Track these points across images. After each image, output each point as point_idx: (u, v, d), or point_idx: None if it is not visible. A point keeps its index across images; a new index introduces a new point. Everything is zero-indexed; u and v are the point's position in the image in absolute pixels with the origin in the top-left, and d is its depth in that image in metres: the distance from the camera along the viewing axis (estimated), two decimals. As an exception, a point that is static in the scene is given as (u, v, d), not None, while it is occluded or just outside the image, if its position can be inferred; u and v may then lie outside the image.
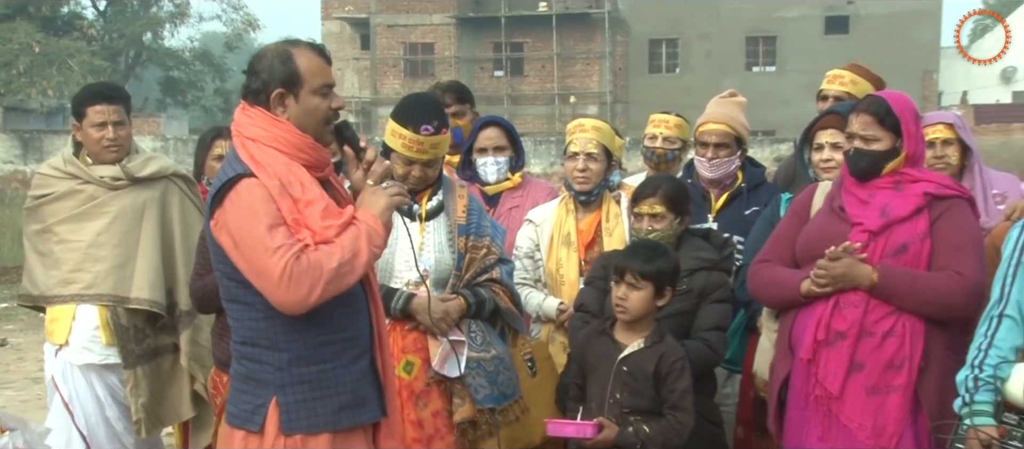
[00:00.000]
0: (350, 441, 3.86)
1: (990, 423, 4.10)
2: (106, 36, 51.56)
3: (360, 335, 3.92)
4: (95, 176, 5.63)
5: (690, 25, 48.85)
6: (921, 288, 4.47)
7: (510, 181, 6.11)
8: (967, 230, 4.59)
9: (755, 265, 4.94)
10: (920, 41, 46.68)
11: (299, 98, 3.79)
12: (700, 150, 5.90)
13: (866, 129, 4.64)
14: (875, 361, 4.52)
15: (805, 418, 4.63)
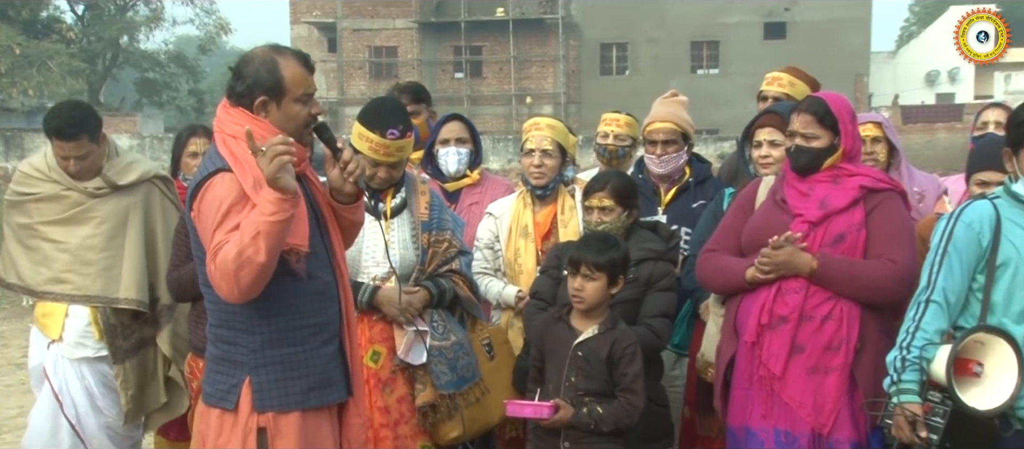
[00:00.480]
0: (318, 419, 3.90)
1: (916, 401, 4.14)
2: (84, 39, 51.09)
3: (330, 321, 3.95)
4: (79, 186, 5.56)
5: (639, 30, 48.97)
6: (857, 275, 4.52)
7: (469, 178, 6.12)
8: (900, 221, 4.64)
9: (703, 254, 4.97)
10: (852, 46, 47.03)
11: (281, 105, 3.80)
12: (649, 147, 5.92)
13: (806, 127, 4.69)
14: (814, 343, 4.56)
15: (749, 397, 4.66)
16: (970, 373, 4.13)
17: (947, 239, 4.21)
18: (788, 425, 4.57)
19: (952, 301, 4.19)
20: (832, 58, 40.41)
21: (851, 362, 4.51)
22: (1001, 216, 4.21)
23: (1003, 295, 4.18)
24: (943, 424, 4.08)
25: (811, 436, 4.53)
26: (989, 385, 4.12)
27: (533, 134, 5.73)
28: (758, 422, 4.63)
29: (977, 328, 4.16)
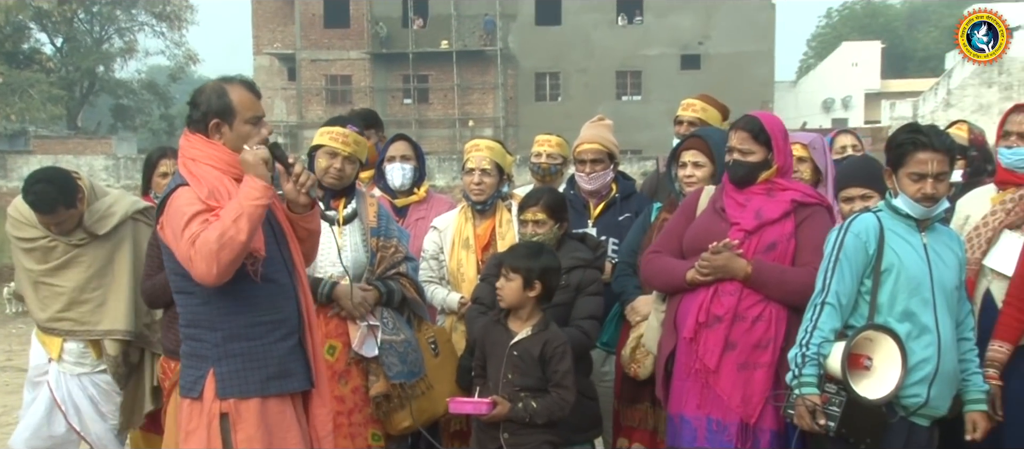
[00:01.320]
0: (280, 406, 3.94)
1: (815, 392, 4.20)
2: (63, 69, 50.71)
3: (288, 318, 4.00)
4: (62, 240, 5.55)
5: (570, 61, 49.10)
6: (786, 281, 4.56)
7: (416, 195, 6.13)
8: (825, 233, 4.62)
9: (648, 255, 4.97)
10: (758, 76, 47.36)
11: (232, 126, 3.91)
12: (579, 166, 5.94)
13: (743, 143, 4.73)
14: (746, 341, 4.59)
15: (686, 389, 4.67)
16: (861, 367, 4.20)
17: (838, 248, 4.28)
18: (719, 414, 4.58)
19: (844, 303, 4.26)
20: (741, 87, 40.68)
21: (777, 360, 4.53)
22: (884, 227, 4.29)
23: (887, 297, 4.26)
24: (839, 412, 4.14)
25: (739, 425, 4.55)
26: (877, 377, 4.19)
27: (473, 155, 5.74)
28: (692, 411, 4.64)
29: (866, 326, 4.23)
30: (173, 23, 52.91)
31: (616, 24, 49.57)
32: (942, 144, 4.29)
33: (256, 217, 3.73)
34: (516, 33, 49.48)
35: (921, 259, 4.28)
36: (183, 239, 3.70)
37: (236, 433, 3.85)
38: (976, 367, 4.49)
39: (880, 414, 4.18)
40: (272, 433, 3.90)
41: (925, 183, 4.24)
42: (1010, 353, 4.65)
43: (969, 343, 4.47)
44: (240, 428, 3.85)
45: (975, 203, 5.04)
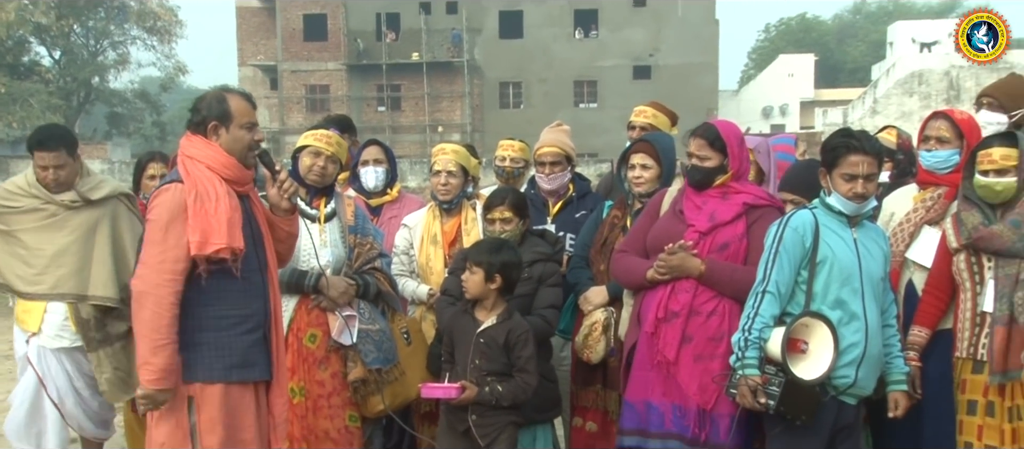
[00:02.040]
0: (241, 392, 4.00)
1: (756, 373, 4.22)
2: (61, 79, 50.04)
3: (255, 314, 4.03)
4: (56, 200, 5.49)
5: (531, 71, 49.22)
6: (737, 279, 4.55)
7: (389, 195, 6.12)
8: None
9: (615, 254, 4.98)
10: (704, 86, 47.65)
11: (229, 129, 3.98)
12: (539, 168, 5.95)
13: (700, 150, 4.73)
14: (701, 334, 4.59)
15: (650, 378, 4.67)
16: (798, 350, 4.23)
17: (778, 241, 4.31)
18: (681, 401, 4.59)
19: (783, 292, 4.28)
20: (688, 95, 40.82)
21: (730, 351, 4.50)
22: (819, 223, 4.33)
23: (822, 286, 4.29)
24: (778, 392, 4.17)
25: (697, 411, 4.56)
26: (812, 360, 4.22)
27: (440, 158, 5.74)
28: (658, 398, 4.65)
29: (803, 314, 4.26)
30: (163, 37, 52.00)
31: (573, 37, 49.75)
32: (872, 148, 4.33)
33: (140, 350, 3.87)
34: (481, 46, 49.55)
35: (851, 252, 4.32)
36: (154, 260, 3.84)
37: (199, 414, 3.91)
38: (898, 351, 4.54)
39: (814, 393, 4.21)
40: (232, 416, 3.95)
41: (856, 183, 4.28)
42: (928, 337, 4.72)
43: (892, 329, 4.52)
44: (203, 410, 3.91)
45: (899, 201, 5.08)
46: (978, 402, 4.54)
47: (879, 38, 60.27)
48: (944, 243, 4.70)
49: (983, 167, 4.54)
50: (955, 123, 4.86)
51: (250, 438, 3.98)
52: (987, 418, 4.52)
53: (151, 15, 50.64)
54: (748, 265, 4.57)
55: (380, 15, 49.44)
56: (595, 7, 49.49)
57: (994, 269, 4.51)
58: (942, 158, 4.87)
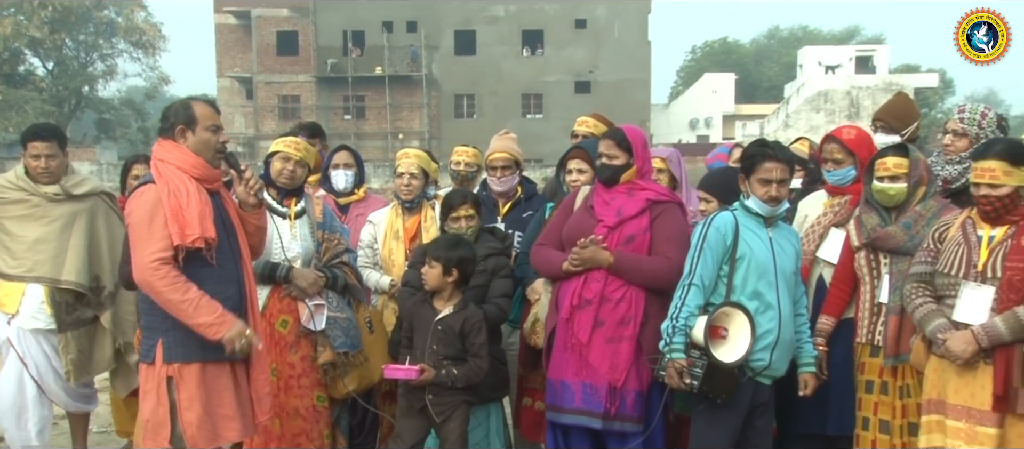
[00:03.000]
0: (218, 371, 3.96)
1: (682, 357, 4.24)
2: (53, 88, 50.00)
3: (229, 298, 3.99)
4: (41, 192, 5.48)
5: (483, 85, 49.24)
6: (643, 268, 4.57)
7: (356, 195, 6.08)
8: (677, 227, 4.69)
9: (535, 247, 4.97)
10: (638, 100, 48.00)
11: (195, 132, 3.96)
12: (491, 172, 5.94)
13: (609, 150, 4.75)
14: (611, 319, 4.60)
15: (565, 359, 4.67)
16: (719, 336, 4.25)
17: (703, 239, 4.33)
18: (592, 379, 4.59)
19: (707, 284, 4.31)
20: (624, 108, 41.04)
21: (638, 333, 4.56)
22: (739, 223, 4.36)
23: (741, 280, 4.32)
24: (702, 373, 4.19)
25: (608, 387, 4.57)
26: (732, 344, 4.25)
27: (403, 161, 5.75)
28: (571, 377, 4.65)
29: (724, 303, 4.28)
30: (148, 50, 52.24)
31: (521, 55, 49.86)
32: (784, 156, 4.38)
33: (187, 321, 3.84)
34: (438, 61, 49.52)
35: (767, 249, 4.36)
36: (145, 254, 3.80)
37: (179, 393, 3.86)
38: (808, 337, 4.59)
39: (733, 375, 4.24)
40: (210, 393, 3.92)
41: (770, 187, 4.32)
42: (834, 325, 4.77)
43: (803, 318, 4.57)
44: (182, 388, 3.87)
45: (812, 205, 5.15)
46: (875, 382, 4.61)
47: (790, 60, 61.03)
48: (848, 242, 4.76)
49: (879, 173, 4.62)
50: (844, 144, 4.95)
51: (230, 413, 3.94)
52: (882, 396, 4.60)
53: (137, 30, 50.82)
54: (652, 256, 4.60)
55: (346, 32, 49.38)
56: (541, 28, 49.64)
57: (889, 265, 4.59)
58: (840, 175, 4.98)
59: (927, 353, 4.26)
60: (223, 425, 3.94)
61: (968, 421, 4.10)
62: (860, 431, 4.66)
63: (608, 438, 4.66)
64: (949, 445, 4.16)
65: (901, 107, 5.53)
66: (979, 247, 4.14)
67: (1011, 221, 4.10)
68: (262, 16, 49.18)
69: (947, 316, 4.16)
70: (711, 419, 4.33)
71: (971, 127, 4.92)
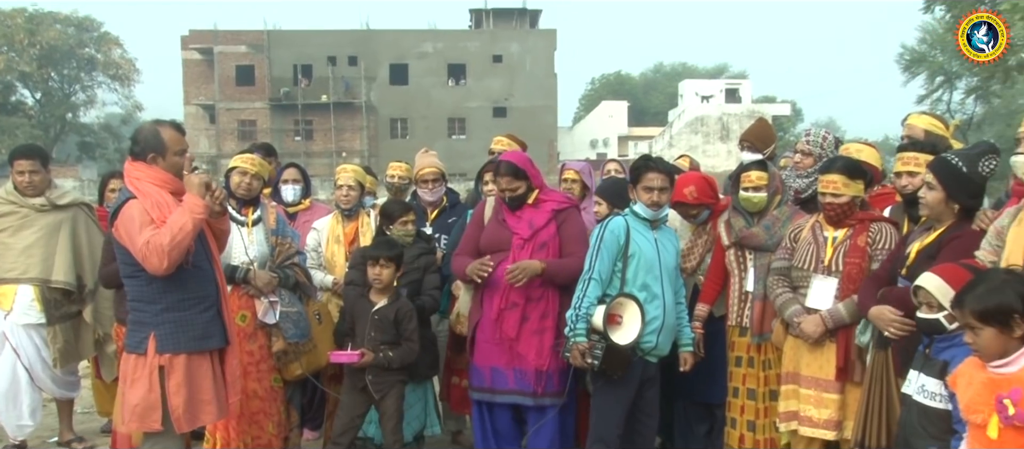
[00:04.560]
0: (200, 359, 3.86)
1: (584, 340, 4.24)
2: (41, 115, 49.56)
3: (209, 295, 3.89)
4: (28, 204, 5.46)
5: (414, 110, 49.01)
6: (566, 269, 4.54)
7: (303, 205, 6.00)
8: (579, 228, 4.68)
9: (455, 257, 4.92)
10: (546, 123, 48.17)
11: (165, 157, 3.81)
12: (421, 185, 5.90)
13: (510, 184, 4.71)
14: (535, 314, 4.60)
15: (495, 349, 4.65)
16: (615, 323, 4.26)
17: (600, 240, 4.33)
18: (522, 365, 4.60)
19: (604, 278, 4.31)
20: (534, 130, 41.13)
21: (555, 323, 4.56)
22: (630, 226, 4.37)
23: (632, 274, 4.34)
24: (601, 354, 4.21)
25: (535, 371, 4.58)
26: (625, 329, 4.26)
27: (342, 175, 5.74)
28: (503, 364, 4.63)
29: (618, 294, 4.30)
30: (123, 82, 51.89)
31: (447, 85, 49.74)
32: (664, 168, 4.42)
33: (198, 223, 3.71)
34: (376, 90, 49.20)
35: (653, 248, 4.39)
36: (139, 242, 3.62)
37: (169, 380, 3.75)
38: (686, 322, 4.64)
39: (627, 355, 4.26)
40: (194, 379, 3.82)
41: (653, 194, 4.36)
42: (708, 311, 4.83)
43: (682, 306, 4.61)
44: (172, 376, 3.75)
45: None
46: (743, 357, 4.69)
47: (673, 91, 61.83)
48: (720, 242, 4.84)
49: (744, 185, 4.71)
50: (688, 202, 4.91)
51: (208, 398, 3.85)
52: (749, 369, 4.67)
53: (114, 64, 50.78)
54: (563, 257, 4.60)
55: (296, 65, 48.90)
56: (464, 62, 49.64)
57: (754, 260, 4.66)
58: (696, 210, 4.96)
59: (785, 333, 4.36)
60: (201, 409, 3.84)
61: (817, 389, 4.21)
62: (731, 398, 4.73)
63: (528, 410, 4.66)
64: (802, 408, 4.26)
65: (762, 131, 5.64)
66: (826, 246, 4.24)
67: (850, 224, 4.22)
68: (223, 52, 48.45)
69: (801, 303, 4.25)
70: (609, 392, 4.34)
71: (815, 148, 5.02)
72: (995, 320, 2.71)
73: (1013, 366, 2.71)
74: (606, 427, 4.35)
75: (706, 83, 57.38)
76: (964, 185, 3.61)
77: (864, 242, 4.13)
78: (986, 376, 2.75)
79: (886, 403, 3.76)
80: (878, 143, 5.15)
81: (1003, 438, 2.66)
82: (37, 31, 46.51)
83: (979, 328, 2.74)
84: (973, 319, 2.75)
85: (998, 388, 2.69)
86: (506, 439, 4.76)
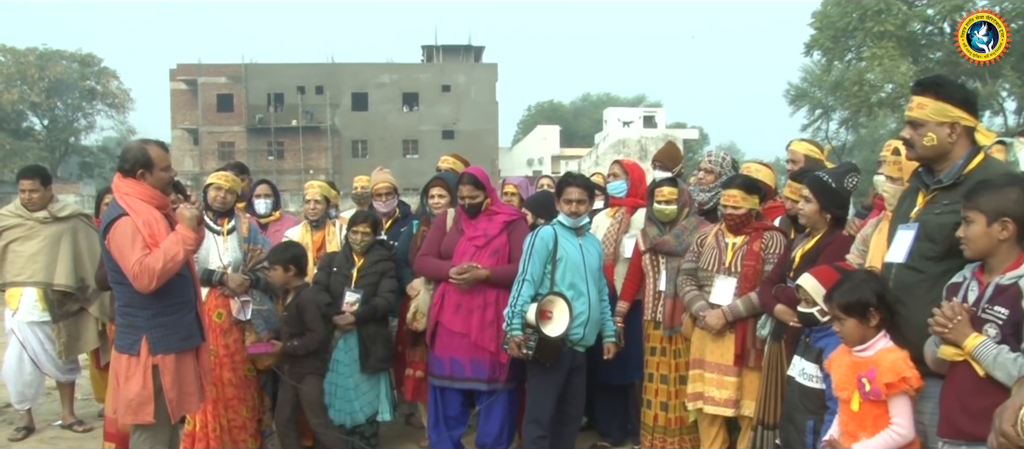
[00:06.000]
0: (185, 357, 3.78)
1: (519, 333, 4.24)
2: (48, 140, 49.95)
3: (190, 299, 3.80)
4: (33, 217, 5.50)
5: (373, 133, 48.62)
6: (508, 274, 4.49)
7: (274, 216, 5.89)
8: (521, 239, 4.64)
9: (420, 258, 4.87)
10: (489, 144, 48.15)
11: (152, 173, 3.69)
12: (376, 198, 5.83)
13: (470, 193, 4.70)
14: (483, 308, 4.57)
15: (454, 342, 4.61)
16: (547, 318, 4.26)
17: (532, 247, 4.33)
18: (479, 356, 4.58)
19: (536, 280, 4.30)
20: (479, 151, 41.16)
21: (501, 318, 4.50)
22: (558, 234, 4.37)
23: (560, 275, 4.33)
24: (534, 345, 4.21)
25: (491, 360, 4.55)
26: (555, 323, 4.27)
27: (309, 190, 5.64)
28: (461, 355, 4.60)
29: (549, 293, 4.30)
30: (119, 109, 51.93)
31: (402, 111, 49.50)
32: (582, 183, 4.43)
33: (189, 254, 3.66)
34: (339, 115, 48.76)
35: (578, 252, 4.39)
36: (131, 260, 3.51)
37: (163, 378, 3.68)
38: (609, 316, 4.64)
39: (557, 345, 4.26)
40: (182, 374, 3.75)
41: (572, 205, 4.37)
42: (628, 307, 4.86)
43: (605, 302, 4.61)
44: (165, 374, 3.68)
45: (602, 219, 5.22)
46: (656, 347, 4.73)
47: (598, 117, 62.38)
48: (637, 247, 4.87)
49: (657, 199, 4.76)
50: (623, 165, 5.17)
51: (191, 390, 3.81)
52: (661, 357, 4.71)
53: (111, 94, 51.47)
54: (511, 263, 4.59)
55: (270, 94, 48.46)
56: (417, 91, 49.50)
57: (666, 263, 4.71)
58: (616, 186, 5.17)
59: (692, 326, 4.42)
60: (187, 400, 3.79)
61: (718, 373, 4.27)
62: (647, 383, 4.77)
63: (479, 395, 4.64)
64: (706, 390, 4.32)
65: (672, 152, 5.71)
66: (727, 251, 4.31)
67: (747, 232, 4.30)
68: (206, 82, 47.97)
69: (706, 299, 4.32)
70: (542, 378, 4.34)
71: (716, 166, 5.10)
72: (855, 312, 2.81)
73: (870, 351, 2.81)
74: (540, 409, 4.34)
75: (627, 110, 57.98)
76: (833, 198, 3.73)
77: (759, 247, 4.21)
78: (850, 359, 2.85)
79: (781, 386, 3.83)
80: (772, 163, 5.26)
81: (862, 411, 2.77)
82: (46, 66, 47.34)
83: (843, 319, 2.84)
84: (838, 311, 2.86)
85: (859, 369, 2.79)
86: (456, 420, 4.74)
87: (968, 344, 2.30)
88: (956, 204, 2.62)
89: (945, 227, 2.67)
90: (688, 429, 4.62)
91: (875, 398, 2.72)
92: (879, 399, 2.72)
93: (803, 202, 3.78)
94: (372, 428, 5.04)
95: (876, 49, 30.68)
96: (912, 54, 31.76)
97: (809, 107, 43.68)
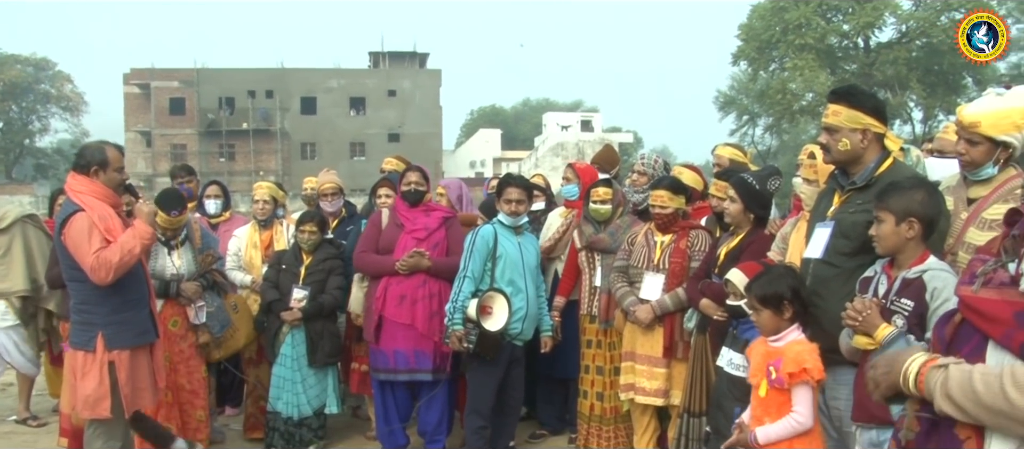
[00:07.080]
0: (140, 353, 3.75)
1: (461, 328, 4.23)
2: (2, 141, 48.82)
3: (143, 296, 3.75)
4: None
5: (322, 136, 47.89)
6: (449, 266, 4.50)
7: (224, 216, 5.80)
8: (460, 234, 4.64)
9: (358, 254, 4.81)
10: (433, 147, 47.86)
11: (106, 172, 3.64)
12: (322, 198, 5.73)
13: (418, 181, 4.72)
14: (429, 298, 4.54)
15: (397, 334, 4.56)
16: (487, 313, 4.27)
17: (473, 245, 4.33)
18: (423, 346, 4.54)
19: (477, 276, 4.30)
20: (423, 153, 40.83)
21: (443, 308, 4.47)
22: (498, 232, 4.38)
23: (500, 272, 4.34)
24: (475, 339, 4.20)
25: (434, 350, 4.52)
26: (495, 318, 4.27)
27: (257, 191, 5.59)
28: (404, 347, 4.55)
29: (489, 289, 4.30)
30: (73, 112, 50.88)
31: (350, 115, 48.85)
32: (521, 183, 4.45)
33: (145, 248, 3.62)
34: (289, 119, 47.90)
35: (517, 250, 4.40)
36: (88, 255, 3.45)
37: (119, 373, 3.61)
38: (547, 311, 4.66)
39: (497, 339, 4.27)
40: (136, 370, 3.69)
41: (511, 205, 4.38)
42: (565, 302, 4.88)
43: (543, 298, 4.63)
44: (121, 370, 3.62)
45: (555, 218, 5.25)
46: (592, 340, 4.75)
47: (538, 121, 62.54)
48: (573, 245, 4.89)
49: (593, 199, 4.78)
50: (575, 169, 5.19)
51: (145, 385, 3.75)
52: (597, 350, 4.73)
53: (65, 98, 50.52)
54: (449, 256, 4.58)
55: (221, 98, 47.29)
56: (363, 95, 48.91)
57: (601, 260, 4.73)
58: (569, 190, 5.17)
59: (624, 320, 4.45)
60: (140, 395, 3.73)
61: (648, 364, 4.31)
62: (583, 374, 4.79)
63: (421, 386, 4.60)
64: (637, 381, 4.35)
65: (609, 155, 5.74)
66: (656, 248, 4.35)
67: (674, 231, 4.35)
68: (158, 86, 46.63)
69: (636, 295, 4.35)
70: (482, 371, 4.33)
71: (649, 169, 5.15)
72: (771, 304, 2.85)
73: (781, 341, 2.86)
74: (480, 400, 4.33)
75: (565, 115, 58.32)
76: (756, 198, 3.79)
77: (685, 245, 4.26)
78: (765, 349, 2.91)
79: (706, 376, 3.88)
80: (702, 166, 5.34)
81: (769, 397, 2.82)
82: (1, 70, 46.13)
83: (760, 310, 2.89)
84: (756, 303, 2.90)
85: (770, 358, 2.85)
86: (402, 411, 4.70)
87: (878, 334, 2.34)
88: (868, 204, 2.69)
89: (858, 225, 2.74)
90: (622, 418, 4.65)
91: (780, 386, 2.77)
92: (783, 387, 2.76)
93: (728, 202, 3.84)
94: (320, 420, 4.96)
95: (797, 60, 31.56)
96: (830, 65, 32.74)
97: (737, 113, 44.66)
